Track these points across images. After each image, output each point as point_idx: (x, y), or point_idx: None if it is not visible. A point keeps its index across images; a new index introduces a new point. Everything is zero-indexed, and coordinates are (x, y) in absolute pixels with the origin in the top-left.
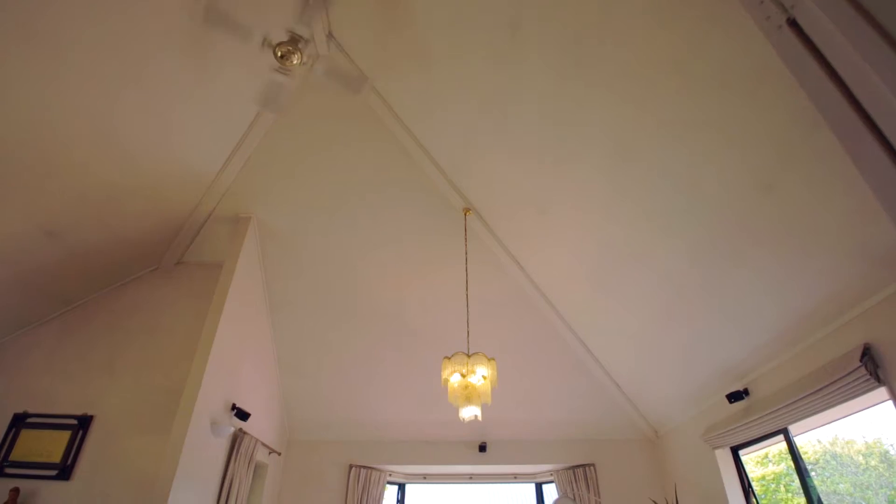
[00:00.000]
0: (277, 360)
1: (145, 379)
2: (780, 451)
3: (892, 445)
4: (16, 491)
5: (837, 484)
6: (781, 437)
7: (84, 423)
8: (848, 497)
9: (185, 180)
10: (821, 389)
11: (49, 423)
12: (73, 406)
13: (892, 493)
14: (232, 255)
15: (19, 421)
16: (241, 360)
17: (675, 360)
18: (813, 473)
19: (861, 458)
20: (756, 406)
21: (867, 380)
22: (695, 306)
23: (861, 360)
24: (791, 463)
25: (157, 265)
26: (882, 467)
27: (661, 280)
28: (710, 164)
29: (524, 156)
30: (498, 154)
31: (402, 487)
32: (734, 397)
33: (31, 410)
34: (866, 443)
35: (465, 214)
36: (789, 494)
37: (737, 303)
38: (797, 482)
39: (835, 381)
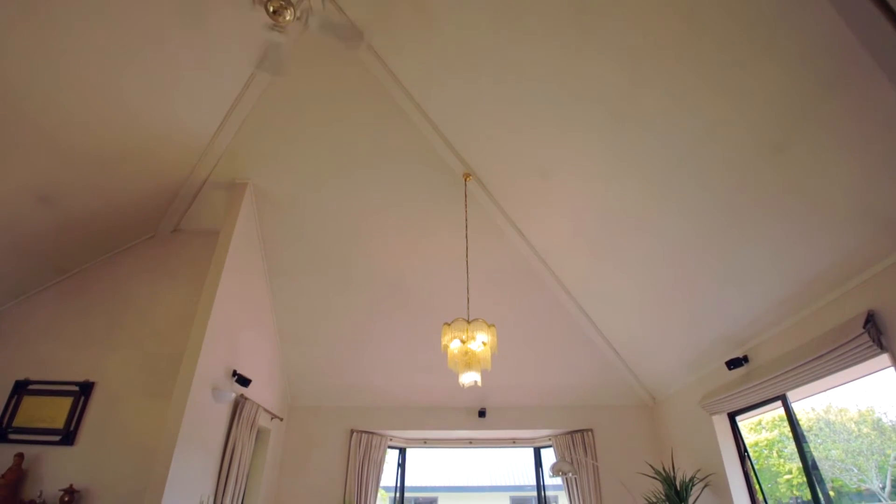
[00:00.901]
0: (277, 327)
1: (145, 346)
2: (774, 418)
3: (884, 414)
4: (20, 456)
5: (830, 450)
6: (779, 403)
7: (85, 389)
8: (839, 463)
9: (178, 145)
10: (822, 356)
11: (51, 389)
12: (73, 373)
13: (883, 459)
14: (229, 221)
15: (21, 388)
16: (241, 327)
17: (675, 327)
18: (809, 437)
19: (853, 425)
20: (755, 373)
21: (869, 346)
22: (696, 273)
23: (864, 327)
24: (784, 430)
25: (153, 233)
26: (874, 434)
27: (663, 247)
28: (714, 131)
29: (526, 121)
30: (499, 118)
31: (402, 451)
32: (733, 364)
33: (32, 377)
34: (859, 411)
35: (466, 180)
36: (781, 460)
37: (739, 270)
38: (789, 448)
39: (837, 348)
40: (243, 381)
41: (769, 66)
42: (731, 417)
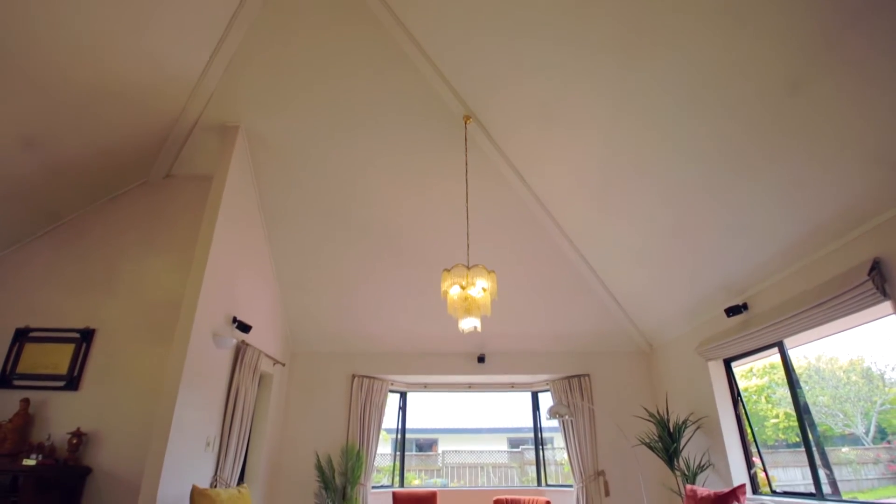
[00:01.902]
0: (276, 275)
1: (144, 293)
2: (764, 366)
3: (874, 363)
4: (26, 402)
5: (818, 396)
6: (775, 350)
7: (86, 336)
8: (826, 408)
9: (165, 85)
10: (823, 303)
11: (52, 336)
12: (73, 320)
13: (869, 405)
14: (221, 166)
15: (22, 335)
16: (239, 274)
17: (675, 275)
18: (796, 384)
19: (842, 373)
20: (754, 320)
21: (873, 294)
22: (699, 221)
23: (869, 274)
24: (774, 377)
25: (145, 178)
26: (862, 382)
27: (665, 194)
28: (718, 75)
29: (528, 60)
30: (501, 57)
31: (403, 395)
32: (732, 311)
33: (32, 325)
34: (850, 360)
35: (466, 123)
36: (769, 405)
37: (743, 217)
38: (778, 394)
39: (839, 295)
40: (244, 328)
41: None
42: (727, 363)
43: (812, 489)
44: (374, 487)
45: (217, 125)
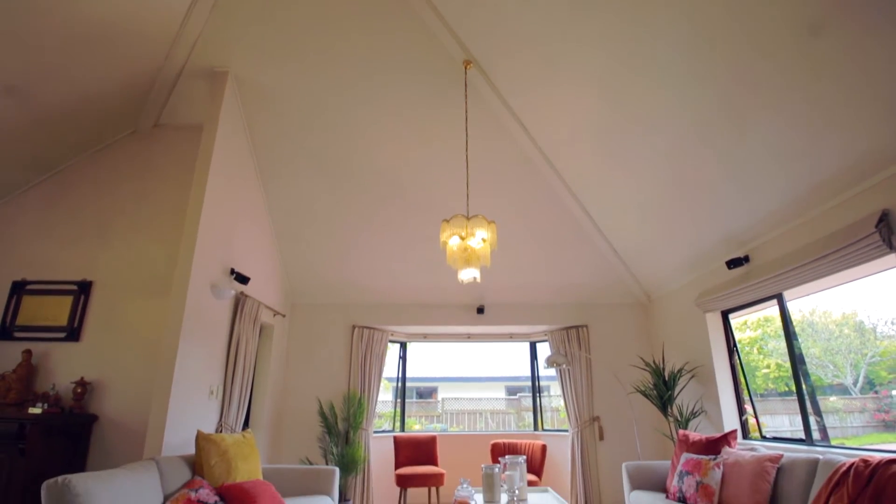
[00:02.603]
0: (273, 226)
1: (139, 245)
2: (759, 319)
3: (867, 316)
4: (28, 353)
5: (809, 348)
6: (774, 302)
7: (84, 288)
8: (816, 360)
9: (148, 27)
10: (827, 255)
11: (49, 289)
12: (70, 272)
13: (859, 357)
14: (212, 114)
15: (19, 288)
16: (236, 225)
17: (676, 227)
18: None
19: (835, 326)
20: (755, 272)
21: (878, 246)
22: (702, 172)
23: (877, 226)
24: (767, 329)
25: (133, 128)
26: (854, 335)
27: (668, 145)
28: (721, 27)
29: (532, 6)
30: (503, 3)
31: (403, 345)
32: (734, 264)
33: (29, 278)
34: (843, 314)
35: (466, 68)
36: (761, 356)
37: (747, 169)
38: (770, 346)
39: (845, 247)
40: (242, 279)
41: None
42: (724, 315)
43: (798, 435)
44: (375, 432)
45: (205, 71)
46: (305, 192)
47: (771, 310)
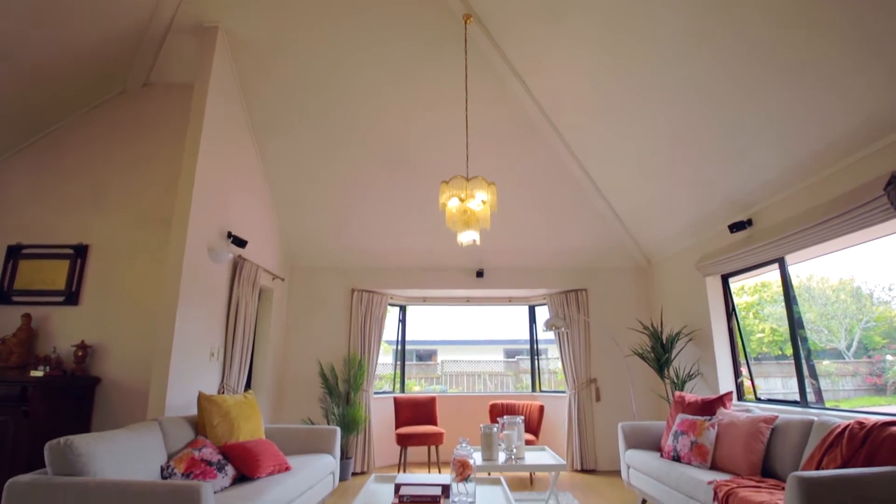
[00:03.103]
0: (270, 188)
1: (134, 208)
2: (756, 284)
3: (864, 282)
4: (28, 316)
5: (805, 313)
6: (775, 266)
7: (80, 251)
8: (811, 324)
9: None
10: (832, 219)
11: (45, 253)
12: (65, 236)
13: (854, 322)
14: (202, 72)
15: (15, 252)
16: (231, 188)
17: (678, 190)
18: (784, 303)
19: (832, 292)
20: (758, 235)
21: (885, 209)
22: (706, 135)
23: (885, 189)
24: (764, 294)
25: (122, 87)
26: (850, 301)
27: (672, 106)
28: None
29: None
30: None
31: (403, 309)
32: (736, 227)
33: (24, 242)
34: (840, 279)
35: (466, 23)
36: (756, 321)
37: (753, 131)
38: (765, 311)
39: (850, 210)
40: (239, 242)
41: None
42: (724, 279)
43: (792, 397)
44: (376, 393)
45: (193, 26)
46: (302, 153)
47: (769, 275)
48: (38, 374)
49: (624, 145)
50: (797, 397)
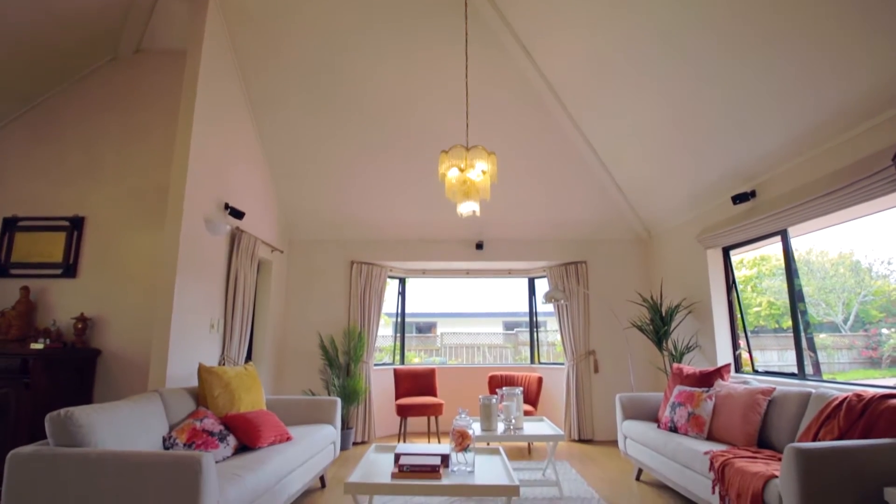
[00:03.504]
0: (267, 159)
1: (130, 178)
2: (755, 258)
3: (864, 256)
4: (26, 289)
5: (804, 287)
6: (777, 238)
7: (76, 223)
8: (809, 298)
9: None
10: (837, 190)
11: (41, 225)
12: (61, 208)
13: (851, 296)
14: (194, 38)
15: (11, 225)
16: (228, 158)
17: (681, 160)
18: (784, 276)
19: (830, 266)
20: (761, 207)
21: (891, 180)
22: (710, 104)
23: (893, 159)
24: (762, 268)
25: (113, 55)
26: (849, 275)
27: (677, 75)
28: None
29: None
30: None
31: (402, 281)
32: (739, 199)
33: (19, 214)
34: (840, 253)
35: None
36: (754, 294)
37: (758, 100)
38: (763, 284)
39: (856, 181)
40: (237, 214)
41: None
42: (725, 252)
43: (787, 370)
44: (376, 365)
45: None
46: (300, 124)
47: (768, 249)
48: (39, 346)
49: (627, 115)
50: (793, 370)
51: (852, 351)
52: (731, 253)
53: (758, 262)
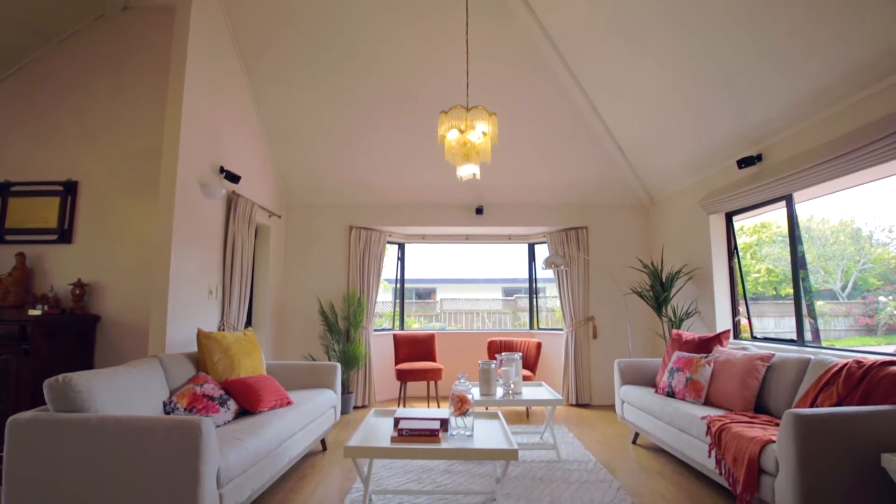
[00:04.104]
0: (262, 122)
1: (123, 141)
2: (755, 225)
3: (865, 223)
4: (22, 255)
5: (804, 254)
6: (782, 203)
7: (70, 188)
8: (809, 265)
9: None
10: (847, 153)
11: (35, 190)
12: (53, 173)
13: (850, 264)
14: None
15: (4, 190)
16: (221, 120)
17: (686, 124)
18: (784, 243)
19: (830, 233)
20: (767, 171)
21: None
22: (716, 66)
23: None
24: (762, 235)
25: (100, 12)
26: (849, 242)
27: (684, 31)
28: None
29: None
30: None
31: (401, 247)
32: (745, 163)
33: (11, 179)
34: (841, 220)
35: None
36: (754, 261)
37: (768, 58)
38: (763, 251)
39: (868, 144)
40: (232, 178)
41: None
42: (728, 217)
43: (784, 336)
44: (375, 330)
45: None
46: (295, 84)
47: (768, 216)
48: (37, 312)
49: (632, 73)
50: (791, 336)
51: (849, 318)
52: (734, 219)
53: (758, 230)
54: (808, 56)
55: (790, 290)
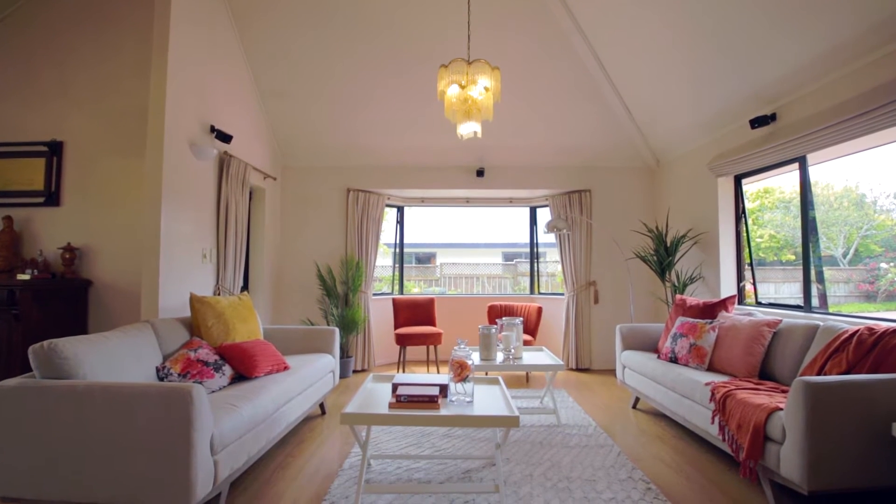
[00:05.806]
0: (255, 80)
1: (107, 100)
2: (758, 190)
3: (870, 189)
4: (9, 219)
5: (815, 218)
6: (794, 166)
7: (55, 148)
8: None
9: None
10: (867, 112)
11: (18, 151)
12: (37, 133)
13: (853, 230)
14: None
15: None
16: (211, 78)
17: (698, 81)
18: (788, 208)
19: (834, 199)
20: (780, 132)
21: None
22: (732, 16)
23: None
24: (765, 201)
25: None
26: (852, 208)
27: None
28: None
29: None
30: None
31: (400, 210)
32: (758, 122)
33: None
34: (845, 186)
35: None
36: (755, 227)
37: (784, 11)
38: (765, 217)
39: (885, 105)
40: (224, 137)
41: None
42: (737, 180)
43: (783, 302)
44: (375, 294)
45: None
46: (289, 40)
47: (773, 180)
48: (26, 277)
49: (641, 30)
50: (791, 302)
51: (849, 284)
52: (743, 182)
53: (761, 195)
54: (824, 8)
55: (791, 257)
